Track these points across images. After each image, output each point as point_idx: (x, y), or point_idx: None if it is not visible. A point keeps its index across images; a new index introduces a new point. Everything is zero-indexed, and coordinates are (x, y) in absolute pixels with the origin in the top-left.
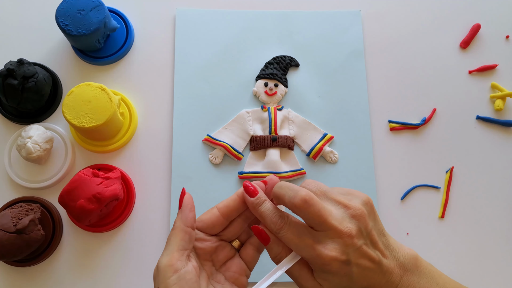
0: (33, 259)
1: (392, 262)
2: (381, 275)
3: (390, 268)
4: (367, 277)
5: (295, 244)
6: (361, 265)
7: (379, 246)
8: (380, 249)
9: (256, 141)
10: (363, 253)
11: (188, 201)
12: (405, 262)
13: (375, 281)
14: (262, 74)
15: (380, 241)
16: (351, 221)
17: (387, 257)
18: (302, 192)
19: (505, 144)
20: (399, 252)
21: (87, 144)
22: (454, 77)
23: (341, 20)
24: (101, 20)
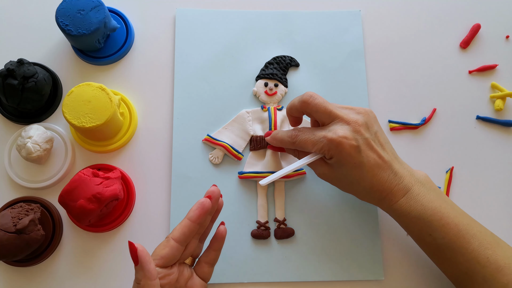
0: (33, 259)
1: (403, 170)
2: (392, 175)
3: (401, 172)
4: (378, 174)
5: (311, 141)
6: (370, 158)
7: (386, 149)
8: (388, 152)
9: (256, 141)
10: (371, 146)
11: (145, 254)
12: (416, 175)
13: (386, 180)
14: (262, 74)
15: (387, 147)
16: (357, 115)
17: (396, 162)
18: (304, 93)
19: (505, 144)
20: (409, 168)
21: (87, 144)
22: (454, 77)
23: (341, 20)
24: (101, 20)
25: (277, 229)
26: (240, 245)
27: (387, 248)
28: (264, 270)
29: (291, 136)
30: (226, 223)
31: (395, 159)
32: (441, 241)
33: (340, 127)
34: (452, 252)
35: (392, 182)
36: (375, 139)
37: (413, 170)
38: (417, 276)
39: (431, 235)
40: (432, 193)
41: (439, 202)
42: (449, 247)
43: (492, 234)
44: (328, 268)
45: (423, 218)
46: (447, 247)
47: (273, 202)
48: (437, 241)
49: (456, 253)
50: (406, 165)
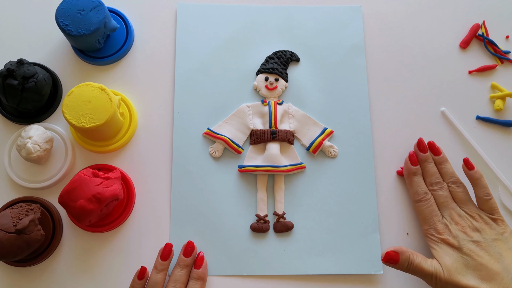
0: (33, 259)
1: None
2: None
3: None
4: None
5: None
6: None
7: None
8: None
9: (256, 135)
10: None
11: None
12: None
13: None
14: (263, 69)
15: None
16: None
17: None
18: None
19: (505, 144)
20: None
21: (87, 144)
22: (454, 77)
23: (342, 16)
24: (101, 20)
25: (276, 222)
26: (240, 238)
27: (386, 242)
28: (263, 263)
29: (419, 194)
30: (226, 216)
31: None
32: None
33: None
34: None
35: (506, 287)
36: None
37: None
38: None
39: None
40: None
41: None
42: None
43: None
44: (327, 261)
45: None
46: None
47: (273, 196)
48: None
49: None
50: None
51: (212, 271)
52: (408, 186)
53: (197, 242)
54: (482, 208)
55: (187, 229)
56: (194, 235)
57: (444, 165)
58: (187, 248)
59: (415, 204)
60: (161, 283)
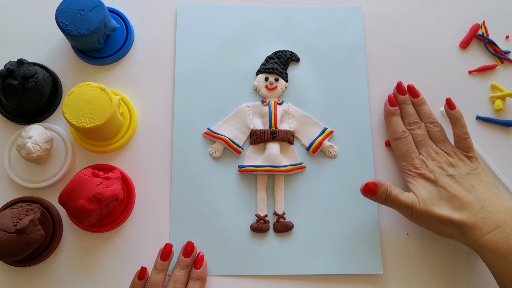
0: (33, 259)
1: (497, 204)
2: (478, 207)
3: (492, 207)
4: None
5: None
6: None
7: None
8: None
9: (256, 135)
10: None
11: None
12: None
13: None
14: (263, 69)
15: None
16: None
17: (484, 198)
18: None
19: (505, 144)
20: (509, 204)
21: (87, 144)
22: (454, 77)
23: (342, 16)
24: (101, 20)
25: (276, 222)
26: (240, 238)
27: (386, 242)
28: (263, 263)
29: (398, 132)
30: (226, 216)
31: (487, 195)
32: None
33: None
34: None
35: (477, 215)
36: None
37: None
38: (416, 271)
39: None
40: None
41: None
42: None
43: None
44: (327, 261)
45: (509, 260)
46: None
47: (273, 196)
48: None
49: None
50: (506, 201)
51: (212, 271)
52: (387, 126)
53: (197, 242)
54: (459, 146)
55: (187, 229)
56: (194, 235)
57: (422, 107)
58: (187, 248)
59: (393, 142)
60: (161, 283)
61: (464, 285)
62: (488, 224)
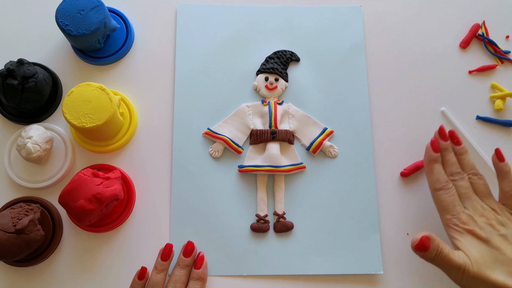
0: (33, 259)
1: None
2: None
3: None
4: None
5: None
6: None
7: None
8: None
9: (256, 135)
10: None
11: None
12: None
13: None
14: (263, 69)
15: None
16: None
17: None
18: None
19: (505, 144)
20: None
21: (87, 144)
22: (454, 77)
23: (342, 16)
24: (101, 20)
25: (276, 222)
26: (240, 238)
27: (386, 242)
28: (264, 263)
29: (441, 182)
30: (226, 216)
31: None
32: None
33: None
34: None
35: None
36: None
37: None
38: (417, 270)
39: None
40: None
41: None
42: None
43: None
44: (327, 261)
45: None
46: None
47: (273, 196)
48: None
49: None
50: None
51: (212, 271)
52: (428, 173)
53: (197, 242)
54: (505, 203)
55: (187, 229)
56: (194, 235)
57: (464, 156)
58: (187, 248)
59: (436, 192)
60: (161, 283)
61: None
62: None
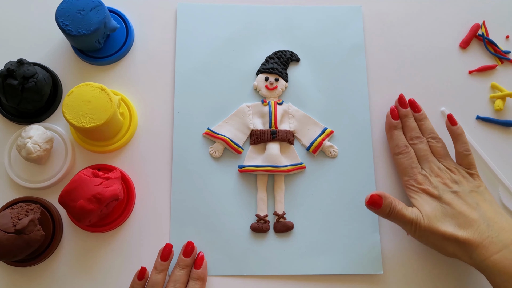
0: (33, 259)
1: (503, 224)
2: (484, 227)
3: (498, 226)
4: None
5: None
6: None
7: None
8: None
9: (256, 135)
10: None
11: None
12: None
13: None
14: (263, 69)
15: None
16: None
17: (491, 217)
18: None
19: (505, 144)
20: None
21: (87, 144)
22: (454, 77)
23: (342, 16)
24: (101, 20)
25: (276, 222)
26: (240, 238)
27: (387, 242)
28: (263, 263)
29: (400, 147)
30: (226, 216)
31: (492, 213)
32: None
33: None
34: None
35: (483, 234)
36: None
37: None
38: (417, 270)
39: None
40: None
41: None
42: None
43: None
44: (327, 261)
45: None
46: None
47: (273, 196)
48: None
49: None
50: (511, 220)
51: (212, 271)
52: (389, 139)
53: (197, 242)
54: (461, 163)
55: (187, 229)
56: (194, 235)
57: (424, 122)
58: (187, 248)
59: (395, 156)
60: (161, 284)
61: (464, 284)
62: (494, 244)
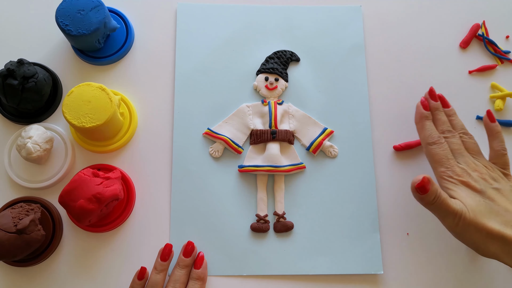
0: (33, 259)
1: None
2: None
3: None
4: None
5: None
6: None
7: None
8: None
9: (256, 135)
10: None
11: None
12: None
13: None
14: (263, 69)
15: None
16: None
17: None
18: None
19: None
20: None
21: (87, 144)
22: (454, 77)
23: (342, 16)
24: (101, 20)
25: (276, 222)
26: (240, 238)
27: (387, 242)
28: (263, 263)
29: (433, 137)
30: (226, 216)
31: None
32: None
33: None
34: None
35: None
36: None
37: None
38: (416, 270)
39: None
40: None
41: None
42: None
43: None
44: (327, 261)
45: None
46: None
47: (273, 196)
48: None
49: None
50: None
51: (212, 271)
52: (420, 130)
53: (197, 242)
54: (495, 162)
55: (187, 229)
56: (194, 235)
57: (454, 117)
58: (187, 248)
59: (429, 147)
60: (161, 284)
61: (464, 284)
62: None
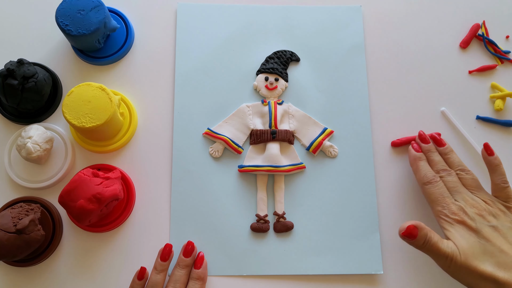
0: (33, 259)
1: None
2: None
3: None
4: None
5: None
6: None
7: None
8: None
9: (256, 135)
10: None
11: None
12: None
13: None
14: (263, 69)
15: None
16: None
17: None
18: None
19: (505, 144)
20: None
21: (87, 144)
22: (454, 77)
23: (342, 16)
24: (101, 20)
25: (276, 222)
26: (240, 238)
27: (386, 242)
28: (263, 263)
29: (428, 177)
30: (226, 216)
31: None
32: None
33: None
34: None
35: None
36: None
37: None
38: (417, 270)
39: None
40: None
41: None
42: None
43: None
44: (327, 261)
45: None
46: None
47: (273, 196)
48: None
49: None
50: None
51: (212, 271)
52: (415, 171)
53: (197, 242)
54: (497, 195)
55: (187, 229)
56: (194, 235)
57: (450, 155)
58: (187, 248)
59: (424, 187)
60: (161, 284)
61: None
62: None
